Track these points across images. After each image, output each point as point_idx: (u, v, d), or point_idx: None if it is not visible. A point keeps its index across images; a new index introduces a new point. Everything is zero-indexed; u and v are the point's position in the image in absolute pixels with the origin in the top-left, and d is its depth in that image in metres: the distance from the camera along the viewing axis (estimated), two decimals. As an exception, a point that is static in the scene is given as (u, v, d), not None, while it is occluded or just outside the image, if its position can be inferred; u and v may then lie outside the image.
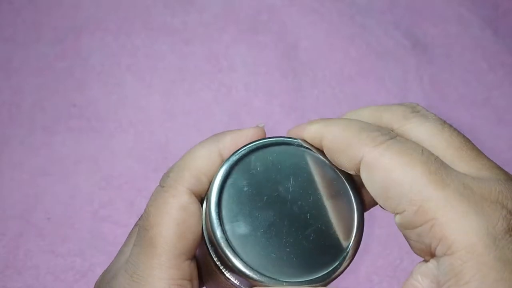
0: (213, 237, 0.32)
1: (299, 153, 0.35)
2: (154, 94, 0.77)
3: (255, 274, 0.32)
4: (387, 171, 0.28)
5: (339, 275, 0.33)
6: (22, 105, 0.75)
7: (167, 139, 0.73)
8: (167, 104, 0.76)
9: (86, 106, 0.75)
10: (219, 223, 0.33)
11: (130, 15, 0.83)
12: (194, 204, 0.33)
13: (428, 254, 0.28)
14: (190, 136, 0.72)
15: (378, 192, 0.29)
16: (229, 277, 0.33)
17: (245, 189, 0.34)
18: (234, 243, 0.33)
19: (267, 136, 0.35)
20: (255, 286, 0.32)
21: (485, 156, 0.30)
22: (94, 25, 0.82)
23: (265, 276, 0.32)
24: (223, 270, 0.33)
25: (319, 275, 0.33)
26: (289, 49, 0.81)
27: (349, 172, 0.31)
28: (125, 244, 0.36)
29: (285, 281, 0.33)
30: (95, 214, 0.68)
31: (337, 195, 0.35)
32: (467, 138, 0.31)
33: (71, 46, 0.80)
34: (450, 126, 0.31)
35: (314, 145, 0.33)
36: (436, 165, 0.28)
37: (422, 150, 0.29)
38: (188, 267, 0.32)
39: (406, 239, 0.29)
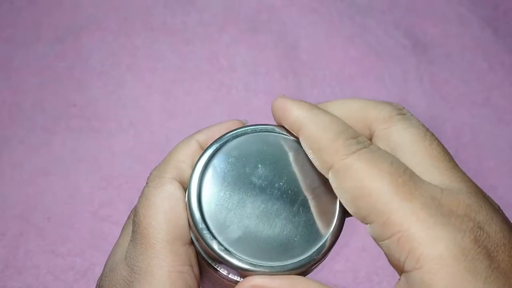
0: (193, 224, 0.33)
1: (279, 141, 0.35)
2: (154, 94, 0.77)
3: (234, 259, 0.32)
4: (356, 181, 0.28)
5: (319, 260, 0.33)
6: (22, 105, 0.75)
7: (167, 139, 0.73)
8: (167, 104, 0.76)
9: (86, 106, 0.75)
10: (198, 210, 0.33)
11: (130, 15, 0.83)
12: (179, 191, 0.34)
13: (400, 269, 0.28)
14: (190, 136, 0.72)
15: (347, 200, 0.29)
16: (214, 266, 0.33)
17: (225, 175, 0.34)
18: (214, 229, 0.33)
19: (247, 124, 0.36)
20: (234, 270, 0.33)
21: (460, 169, 0.30)
22: (94, 25, 0.81)
23: (244, 260, 0.32)
24: (207, 260, 0.33)
25: (298, 259, 0.33)
26: (289, 49, 0.81)
27: (321, 172, 0.31)
28: (120, 236, 0.37)
29: (265, 266, 0.32)
30: (95, 214, 0.68)
31: (317, 182, 0.35)
32: (446, 150, 0.31)
33: (71, 46, 0.80)
34: (432, 134, 0.31)
35: (292, 130, 0.33)
36: (405, 177, 0.28)
37: (392, 161, 0.28)
38: (185, 253, 0.33)
39: (383, 251, 0.29)
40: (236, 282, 0.33)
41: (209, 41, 0.81)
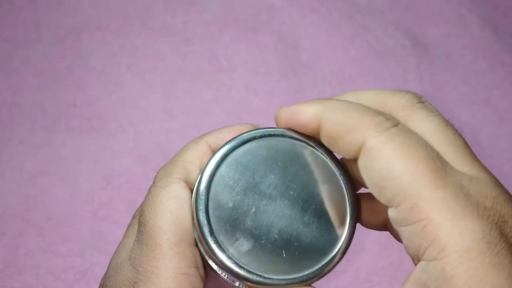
0: (198, 229, 0.32)
1: (288, 146, 0.34)
2: (154, 94, 0.77)
3: (240, 269, 0.32)
4: (388, 161, 0.27)
5: (329, 272, 0.33)
6: (22, 105, 0.75)
7: (167, 139, 0.73)
8: (167, 104, 0.76)
9: (86, 106, 0.75)
10: (206, 219, 0.32)
11: (130, 15, 0.83)
12: (186, 192, 0.33)
13: (417, 257, 0.27)
14: (190, 136, 0.72)
15: (374, 181, 0.28)
16: (217, 271, 0.33)
17: (234, 183, 0.33)
18: (220, 235, 0.32)
19: (255, 128, 0.35)
20: (239, 280, 0.32)
21: (480, 161, 0.30)
22: (94, 25, 0.81)
23: (249, 271, 0.32)
24: (210, 264, 0.33)
25: (307, 273, 0.32)
26: (289, 49, 0.81)
27: (347, 158, 0.30)
28: (125, 235, 0.36)
29: (272, 278, 0.32)
30: (95, 214, 0.68)
31: (329, 188, 0.34)
32: (466, 142, 0.30)
33: (71, 46, 0.80)
34: (453, 125, 0.31)
35: (308, 129, 0.32)
36: (438, 163, 0.27)
37: (426, 145, 0.28)
38: (191, 254, 0.32)
39: (400, 237, 0.28)
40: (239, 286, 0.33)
41: (209, 41, 0.81)
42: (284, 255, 0.33)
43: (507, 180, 0.73)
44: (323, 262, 0.33)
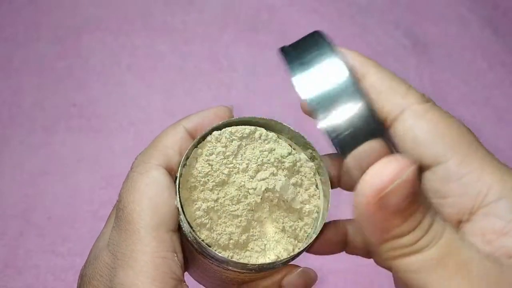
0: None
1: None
2: (154, 94, 0.77)
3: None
4: (434, 123, 0.29)
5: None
6: (22, 105, 0.75)
7: (167, 139, 0.73)
8: (167, 104, 0.76)
9: (86, 106, 0.75)
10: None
11: (130, 15, 0.83)
12: (165, 177, 0.33)
13: (471, 211, 0.28)
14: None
15: (417, 140, 0.29)
16: (201, 252, 0.33)
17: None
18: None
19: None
20: (224, 263, 0.33)
21: None
22: (94, 25, 0.81)
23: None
24: (196, 247, 0.34)
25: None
26: (289, 49, 0.81)
27: (381, 120, 0.31)
28: (105, 226, 0.37)
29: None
30: (95, 214, 0.68)
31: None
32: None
33: (71, 46, 0.80)
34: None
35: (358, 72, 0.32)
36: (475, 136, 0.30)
37: (458, 121, 0.30)
38: (170, 239, 0.32)
39: (442, 199, 0.29)
40: (225, 268, 0.33)
41: (209, 41, 0.81)
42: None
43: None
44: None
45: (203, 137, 0.34)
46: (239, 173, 0.34)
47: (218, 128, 0.35)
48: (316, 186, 0.36)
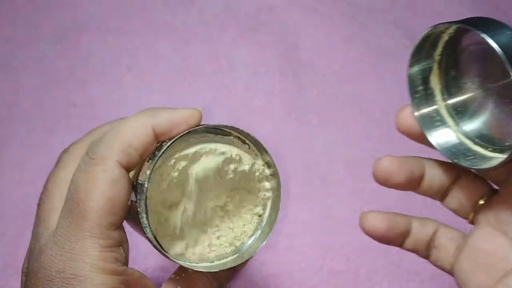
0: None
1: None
2: (154, 94, 0.77)
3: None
4: None
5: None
6: (22, 104, 0.75)
7: (167, 139, 0.73)
8: (167, 104, 0.76)
9: (86, 106, 0.75)
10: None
11: (130, 15, 0.83)
12: (124, 178, 0.35)
13: None
14: (190, 136, 0.72)
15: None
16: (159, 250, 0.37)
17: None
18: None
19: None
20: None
21: None
22: (94, 25, 0.82)
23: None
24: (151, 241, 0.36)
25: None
26: (289, 49, 0.81)
27: None
28: (38, 225, 0.38)
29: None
30: (95, 214, 0.68)
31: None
32: None
33: (71, 46, 0.80)
34: None
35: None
36: None
37: None
38: (118, 235, 0.35)
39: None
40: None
41: (209, 41, 0.81)
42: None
43: (507, 180, 0.73)
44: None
45: (164, 151, 0.36)
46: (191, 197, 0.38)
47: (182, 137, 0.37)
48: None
